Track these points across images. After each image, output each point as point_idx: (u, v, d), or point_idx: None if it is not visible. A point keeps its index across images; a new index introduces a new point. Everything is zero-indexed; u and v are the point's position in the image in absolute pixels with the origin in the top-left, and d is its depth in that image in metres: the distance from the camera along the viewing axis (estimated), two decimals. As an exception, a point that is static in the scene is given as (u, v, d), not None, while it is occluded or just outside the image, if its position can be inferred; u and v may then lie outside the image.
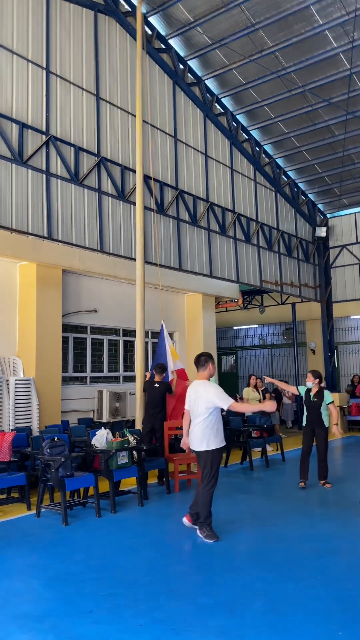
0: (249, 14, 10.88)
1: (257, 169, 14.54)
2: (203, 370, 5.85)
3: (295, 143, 14.48)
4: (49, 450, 6.54)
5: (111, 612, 3.86)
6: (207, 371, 5.85)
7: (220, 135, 13.39)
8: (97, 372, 11.67)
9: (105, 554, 5.12)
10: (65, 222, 9.27)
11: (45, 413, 9.49)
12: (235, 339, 22.23)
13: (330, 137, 13.96)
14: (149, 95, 11.23)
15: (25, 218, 8.64)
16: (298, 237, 16.00)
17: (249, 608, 3.90)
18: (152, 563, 4.86)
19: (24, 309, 9.75)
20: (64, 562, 4.89)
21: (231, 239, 13.27)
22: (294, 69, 12.03)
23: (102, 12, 10.53)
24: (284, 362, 20.69)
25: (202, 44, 11.83)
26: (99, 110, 10.23)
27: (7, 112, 8.61)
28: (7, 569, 4.78)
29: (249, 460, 9.72)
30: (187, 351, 13.75)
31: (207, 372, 5.85)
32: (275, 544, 5.35)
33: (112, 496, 6.69)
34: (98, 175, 9.98)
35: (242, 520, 6.29)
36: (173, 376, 9.05)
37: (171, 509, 6.91)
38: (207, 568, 4.73)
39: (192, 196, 12.13)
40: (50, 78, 9.40)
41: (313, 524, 6.07)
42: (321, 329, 17.25)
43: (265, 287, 14.37)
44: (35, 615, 3.83)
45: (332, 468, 9.81)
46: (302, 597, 4.07)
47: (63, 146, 9.40)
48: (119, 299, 11.83)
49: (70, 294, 10.85)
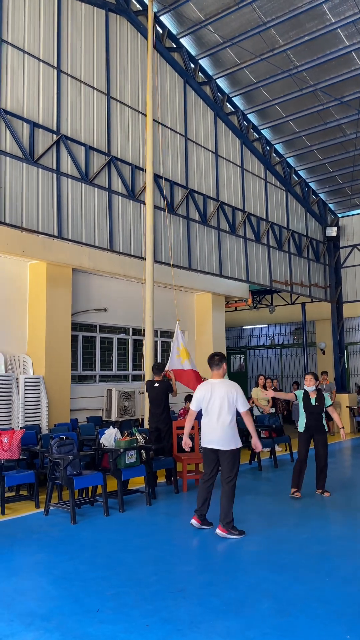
0: (260, 12, 10.83)
1: (267, 168, 14.48)
2: (218, 370, 5.95)
3: (306, 142, 14.40)
4: (58, 448, 6.57)
5: (118, 611, 3.86)
6: (222, 370, 5.93)
7: (230, 134, 13.35)
8: (106, 371, 11.69)
9: (112, 552, 5.13)
10: (76, 221, 9.29)
11: (54, 411, 9.53)
12: (245, 338, 22.19)
13: (342, 136, 13.87)
14: (159, 94, 11.22)
15: (35, 217, 8.67)
16: (308, 237, 15.91)
17: (256, 609, 3.88)
18: (159, 562, 4.86)
19: (34, 307, 9.79)
20: (71, 561, 4.91)
21: (241, 239, 13.23)
22: (305, 68, 11.96)
23: (114, 11, 10.54)
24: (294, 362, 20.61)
25: (213, 43, 11.80)
26: (109, 109, 10.24)
27: (18, 112, 8.65)
28: (15, 567, 4.80)
29: (258, 461, 9.69)
30: (196, 350, 13.73)
31: (222, 372, 5.91)
32: (282, 545, 5.33)
33: (120, 495, 6.70)
34: (108, 175, 9.99)
35: (250, 521, 6.26)
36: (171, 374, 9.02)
37: (179, 509, 6.91)
38: (214, 568, 4.72)
39: (202, 195, 12.11)
40: (61, 77, 9.42)
41: (321, 526, 6.04)
42: (331, 329, 17.16)
43: (275, 286, 14.32)
44: (41, 614, 3.84)
45: (341, 470, 9.77)
46: (310, 599, 4.05)
47: (74, 145, 9.42)
48: (129, 298, 11.83)
49: (80, 293, 10.88)
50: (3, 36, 8.59)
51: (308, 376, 7.62)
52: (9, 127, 8.41)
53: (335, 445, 12.85)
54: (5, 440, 6.93)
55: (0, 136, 8.34)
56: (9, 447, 6.94)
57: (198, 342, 13.81)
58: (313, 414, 7.47)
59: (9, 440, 6.95)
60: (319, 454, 7.50)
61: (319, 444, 7.50)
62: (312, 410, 7.47)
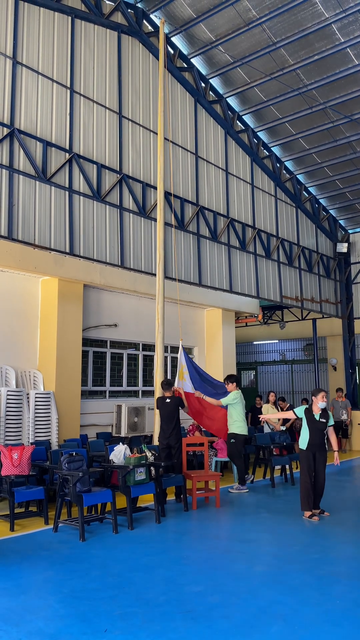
0: (270, 32, 10.99)
1: (277, 185, 14.56)
2: None
3: (316, 159, 14.48)
4: (68, 464, 6.56)
5: (126, 631, 3.83)
6: None
7: (241, 152, 13.47)
8: (117, 387, 11.71)
9: (121, 571, 5.10)
10: (87, 238, 9.39)
11: (64, 427, 9.54)
12: (255, 354, 22.11)
13: (352, 153, 13.94)
14: (170, 113, 11.38)
15: (48, 234, 8.78)
16: (319, 253, 15.92)
17: (265, 632, 3.83)
18: (168, 582, 4.82)
19: (45, 323, 9.86)
20: (80, 579, 4.88)
21: (251, 255, 13.27)
22: (315, 86, 12.08)
23: (126, 32, 10.75)
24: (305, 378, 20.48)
25: (223, 63, 11.97)
26: (121, 128, 10.39)
27: (31, 131, 8.81)
28: (24, 585, 4.79)
29: (271, 478, 9.61)
30: (206, 366, 13.71)
31: None
32: (293, 565, 5.26)
33: (129, 512, 6.66)
34: (120, 192, 10.11)
35: (260, 540, 6.20)
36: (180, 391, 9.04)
37: (188, 527, 6.86)
38: (223, 589, 4.66)
39: (213, 212, 12.19)
40: (74, 97, 9.60)
41: (332, 546, 5.96)
42: (342, 345, 17.06)
43: (285, 302, 14.31)
44: (49, 633, 3.82)
45: (351, 489, 9.65)
46: (321, 622, 3.99)
47: (86, 163, 9.56)
48: (139, 314, 11.89)
49: (91, 308, 10.95)
50: (18, 58, 8.80)
51: (323, 393, 7.36)
52: (23, 146, 8.57)
53: (346, 463, 12.71)
54: (15, 456, 6.94)
55: (14, 155, 8.49)
56: (19, 462, 6.96)
57: (208, 357, 13.80)
58: (317, 430, 7.23)
59: (19, 456, 6.96)
60: (319, 473, 7.25)
61: (320, 463, 7.24)
62: (316, 426, 7.23)
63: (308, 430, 7.28)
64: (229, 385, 9.31)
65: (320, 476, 7.26)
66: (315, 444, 7.22)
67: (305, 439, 7.29)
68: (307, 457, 7.24)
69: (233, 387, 9.25)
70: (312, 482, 7.23)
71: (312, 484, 7.23)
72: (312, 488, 7.22)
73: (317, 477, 7.26)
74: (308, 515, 7.13)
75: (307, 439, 7.27)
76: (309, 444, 7.24)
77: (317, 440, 7.23)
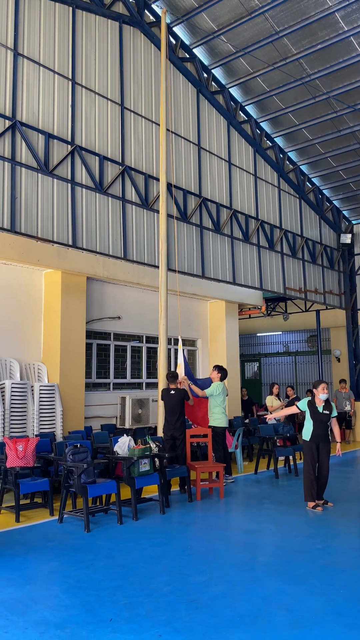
0: (272, 22, 10.89)
1: (281, 175, 14.48)
2: None
3: (319, 149, 14.39)
4: (72, 456, 6.60)
5: (131, 621, 3.87)
6: None
7: (244, 143, 13.39)
8: (120, 379, 11.74)
9: (126, 561, 5.14)
10: (90, 230, 9.38)
11: (68, 419, 9.59)
12: (259, 345, 22.11)
13: (356, 143, 13.83)
14: (172, 104, 11.32)
15: (50, 227, 8.78)
16: (322, 244, 15.86)
17: (269, 621, 3.86)
18: (172, 572, 4.86)
19: (49, 315, 9.88)
20: (85, 569, 4.93)
21: (254, 246, 13.23)
22: (318, 76, 11.98)
23: (127, 23, 10.67)
24: (308, 369, 20.48)
25: (226, 53, 11.87)
26: (123, 120, 10.34)
27: (33, 123, 8.78)
28: (30, 575, 4.84)
29: (274, 469, 9.64)
30: (210, 358, 13.74)
31: None
32: (296, 555, 5.29)
33: (133, 503, 6.71)
34: (122, 184, 10.08)
35: (264, 530, 6.24)
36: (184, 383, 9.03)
37: (192, 517, 6.90)
38: (227, 579, 4.70)
39: (216, 204, 12.15)
40: (75, 89, 9.56)
41: (335, 536, 5.99)
42: (346, 336, 17.04)
43: (289, 294, 14.28)
44: (55, 623, 3.86)
45: (356, 480, 9.68)
46: (324, 611, 4.02)
47: (88, 155, 9.53)
48: (143, 306, 11.89)
49: (94, 301, 10.96)
50: (19, 50, 8.75)
51: (323, 384, 7.38)
52: (25, 139, 8.55)
53: (350, 454, 12.74)
54: (20, 448, 6.99)
55: (15, 147, 8.47)
56: (24, 454, 7.00)
57: (212, 349, 13.81)
58: (321, 422, 7.26)
59: (23, 448, 7.01)
60: (323, 464, 7.27)
61: (324, 453, 7.26)
62: (320, 417, 7.26)
63: (312, 422, 7.29)
64: (213, 372, 9.29)
65: (324, 467, 7.28)
66: (319, 435, 7.23)
67: (309, 431, 7.30)
68: (310, 448, 7.26)
69: (217, 377, 9.20)
70: (316, 473, 7.26)
71: (316, 474, 7.25)
72: (316, 479, 7.25)
73: (320, 468, 7.29)
74: (311, 505, 7.16)
75: (311, 430, 7.27)
76: (312, 435, 7.25)
77: (320, 432, 7.24)
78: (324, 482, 7.35)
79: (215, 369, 9.33)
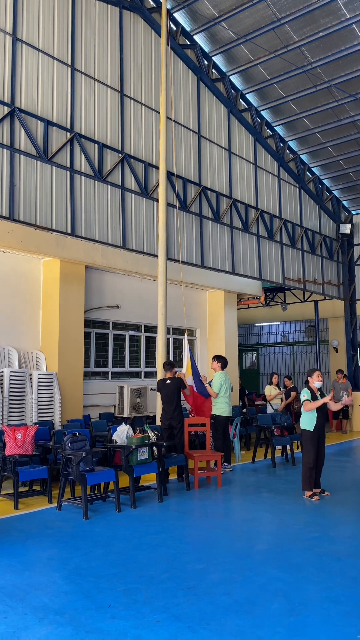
0: (274, 8, 10.76)
1: (281, 165, 14.41)
2: None
3: (320, 139, 14.30)
4: (71, 444, 6.62)
5: (129, 607, 3.91)
6: None
7: (244, 131, 13.30)
8: (119, 368, 11.75)
9: (124, 549, 5.18)
10: (89, 218, 9.34)
11: (67, 407, 9.61)
12: (257, 335, 22.14)
13: (356, 132, 13.75)
14: (172, 92, 11.22)
15: (49, 215, 8.73)
16: (322, 234, 15.82)
17: (266, 608, 3.90)
18: (170, 560, 4.90)
19: (48, 304, 9.86)
20: (84, 556, 4.96)
21: (254, 236, 13.19)
22: (319, 64, 11.87)
23: (127, 8, 10.54)
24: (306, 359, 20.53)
25: (227, 40, 11.75)
26: (122, 107, 10.26)
27: (32, 110, 8.70)
28: (28, 562, 4.87)
29: (272, 458, 9.69)
30: (208, 347, 13.75)
31: None
32: (294, 544, 5.34)
33: (132, 491, 6.75)
34: (121, 172, 10.02)
35: (261, 519, 6.28)
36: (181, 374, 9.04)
37: (190, 506, 6.94)
38: (225, 566, 4.74)
39: (215, 193, 12.09)
40: (75, 75, 9.46)
41: (332, 525, 6.04)
42: (344, 327, 17.06)
43: (287, 284, 14.27)
44: (54, 608, 3.89)
45: (352, 469, 9.74)
46: (321, 599, 4.06)
47: (87, 143, 9.46)
48: (141, 295, 11.87)
49: (93, 290, 10.93)
50: (18, 35, 8.64)
51: (317, 372, 7.42)
52: (24, 125, 8.47)
53: (347, 444, 12.81)
54: (18, 436, 7.01)
55: (14, 134, 8.40)
56: (23, 442, 7.02)
57: (210, 339, 13.82)
58: (321, 411, 7.31)
59: (22, 436, 7.03)
60: (321, 450, 7.37)
61: (322, 441, 7.38)
62: (321, 408, 7.31)
63: (316, 412, 7.31)
64: (213, 362, 9.32)
65: (321, 453, 7.40)
66: (322, 424, 7.35)
67: (313, 420, 7.30)
68: (312, 438, 7.28)
69: (217, 367, 9.23)
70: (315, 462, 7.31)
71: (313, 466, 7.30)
72: (315, 468, 7.31)
73: (318, 454, 7.38)
74: (309, 494, 7.21)
75: (315, 420, 7.29)
76: (316, 426, 7.28)
77: (322, 421, 7.36)
78: (321, 466, 7.46)
79: (215, 359, 9.35)
